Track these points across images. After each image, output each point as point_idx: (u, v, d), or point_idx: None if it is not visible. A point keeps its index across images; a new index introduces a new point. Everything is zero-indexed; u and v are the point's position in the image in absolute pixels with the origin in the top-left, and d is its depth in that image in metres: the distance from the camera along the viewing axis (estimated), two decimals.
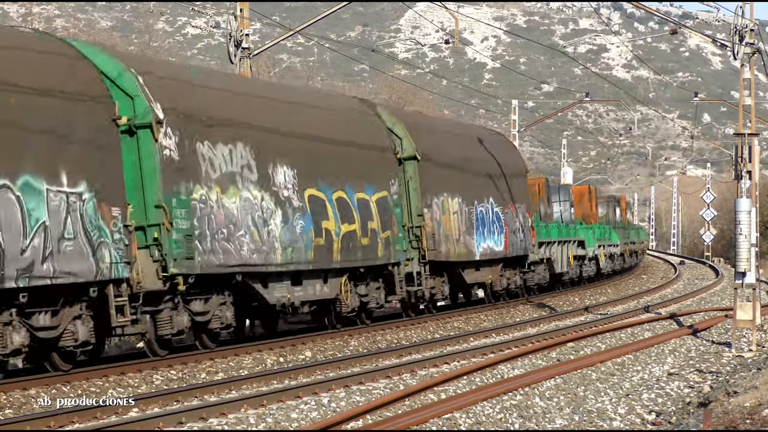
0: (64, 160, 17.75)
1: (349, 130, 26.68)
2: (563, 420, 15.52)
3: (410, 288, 28.47)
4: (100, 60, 19.67)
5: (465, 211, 31.85)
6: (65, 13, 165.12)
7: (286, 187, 23.42)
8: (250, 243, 21.92)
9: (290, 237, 23.29)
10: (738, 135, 25.43)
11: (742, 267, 23.80)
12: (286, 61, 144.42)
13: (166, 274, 19.69)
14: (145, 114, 19.61)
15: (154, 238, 19.56)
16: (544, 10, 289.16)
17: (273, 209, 22.83)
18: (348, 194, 25.83)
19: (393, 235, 27.51)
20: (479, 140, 34.86)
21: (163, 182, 19.76)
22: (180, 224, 19.99)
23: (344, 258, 25.30)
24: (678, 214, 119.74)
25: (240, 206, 21.74)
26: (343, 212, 25.43)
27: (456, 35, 41.11)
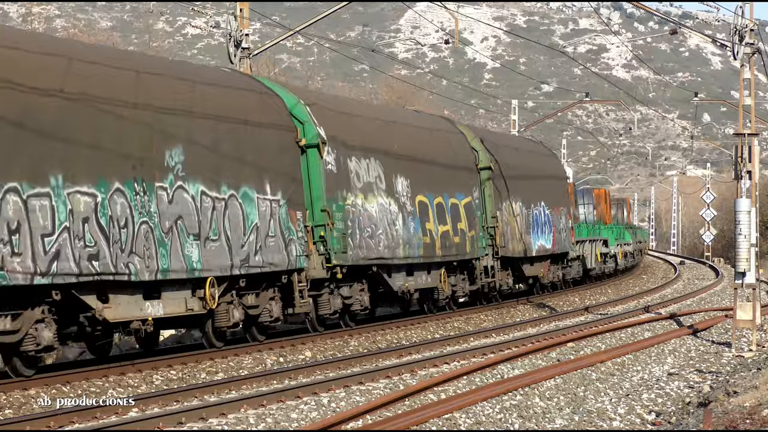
0: (267, 174, 22.70)
1: (444, 146, 31.92)
2: (563, 420, 15.53)
3: (486, 279, 33.45)
4: (281, 93, 24.68)
5: (524, 213, 36.74)
6: (65, 13, 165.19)
7: (403, 194, 28.47)
8: (384, 240, 27.06)
9: (407, 235, 28.33)
10: (738, 135, 25.45)
11: (742, 267, 23.81)
12: (286, 61, 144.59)
13: (329, 265, 24.68)
14: (314, 137, 24.42)
15: (320, 236, 24.51)
16: (543, 10, 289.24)
17: (396, 212, 27.91)
18: (444, 200, 30.65)
19: (476, 234, 32.43)
20: (533, 152, 40.81)
21: (327, 191, 24.71)
22: (338, 225, 24.96)
23: (443, 253, 30.21)
24: (678, 214, 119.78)
25: (376, 210, 26.86)
26: (440, 215, 30.27)
27: (456, 35, 41.14)
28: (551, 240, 39.26)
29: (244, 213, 21.82)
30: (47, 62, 18.12)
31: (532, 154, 40.18)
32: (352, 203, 25.62)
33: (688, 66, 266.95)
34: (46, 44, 19.32)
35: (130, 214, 18.93)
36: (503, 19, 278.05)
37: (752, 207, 24.07)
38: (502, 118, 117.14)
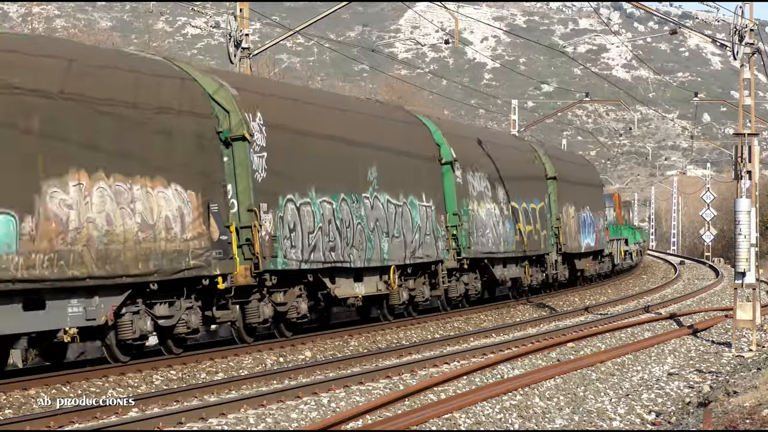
0: (422, 186, 29.32)
1: (528, 161, 39.35)
2: (563, 420, 15.53)
3: (553, 271, 40.30)
4: (425, 122, 31.62)
5: (576, 215, 43.29)
6: (65, 13, 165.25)
7: (503, 201, 35.07)
8: (492, 238, 33.55)
9: (505, 234, 34.89)
10: (738, 135, 25.45)
11: (742, 267, 23.81)
12: (285, 61, 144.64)
13: (459, 258, 31.12)
14: (449, 156, 31.17)
15: (453, 235, 30.82)
16: (543, 10, 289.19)
17: (499, 216, 34.44)
18: (527, 204, 37.37)
19: (547, 233, 39.10)
20: (578, 163, 48.57)
21: (457, 198, 31.22)
22: (464, 225, 31.46)
23: (529, 249, 36.96)
24: (678, 214, 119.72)
25: (485, 214, 33.30)
26: (526, 217, 36.92)
27: (456, 35, 41.12)
28: (594, 239, 46.47)
29: (411, 216, 28.39)
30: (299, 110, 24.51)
31: (577, 165, 47.93)
32: (471, 208, 32.25)
33: (688, 66, 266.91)
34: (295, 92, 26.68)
35: (350, 217, 25.49)
36: (503, 19, 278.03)
37: (752, 207, 24.07)
38: (502, 118, 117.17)
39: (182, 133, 20.46)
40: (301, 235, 23.45)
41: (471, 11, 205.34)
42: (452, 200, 31.07)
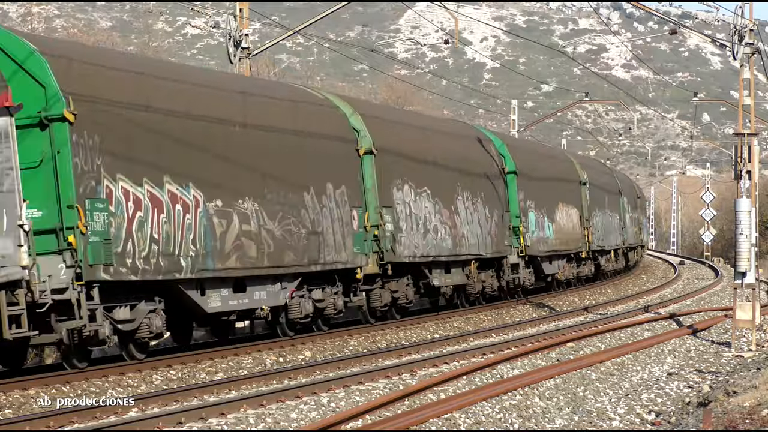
0: (486, 194, 33.80)
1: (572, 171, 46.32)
2: (563, 420, 15.52)
3: (583, 266, 46.66)
4: (491, 137, 36.89)
5: (601, 217, 49.90)
6: (65, 13, 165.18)
7: (559, 206, 42.10)
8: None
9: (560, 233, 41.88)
10: (737, 135, 25.45)
11: (742, 267, 23.81)
12: (285, 61, 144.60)
13: (522, 254, 36.42)
14: (513, 168, 36.24)
15: (515, 235, 35.91)
16: (543, 10, 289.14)
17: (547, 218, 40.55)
18: (570, 209, 43.71)
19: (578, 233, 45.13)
20: (600, 170, 56.05)
21: (520, 202, 36.57)
22: (525, 226, 36.59)
23: (569, 247, 43.15)
24: (677, 214, 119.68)
25: (536, 216, 38.57)
26: (569, 219, 43.28)
27: (455, 35, 41.13)
28: (621, 238, 55.23)
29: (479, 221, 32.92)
30: None
31: (609, 175, 57.29)
32: (531, 209, 38.02)
33: (687, 66, 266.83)
34: None
35: (443, 217, 30.37)
36: (503, 19, 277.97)
37: (752, 207, 24.07)
38: (502, 118, 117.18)
39: (338, 153, 25.75)
40: (413, 232, 28.14)
41: (471, 11, 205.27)
42: (515, 205, 36.58)
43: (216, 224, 21.20)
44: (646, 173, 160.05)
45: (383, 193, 26.94)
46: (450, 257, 30.83)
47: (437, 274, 30.25)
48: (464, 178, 32.47)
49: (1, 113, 17.17)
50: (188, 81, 22.32)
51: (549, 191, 40.82)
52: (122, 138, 19.21)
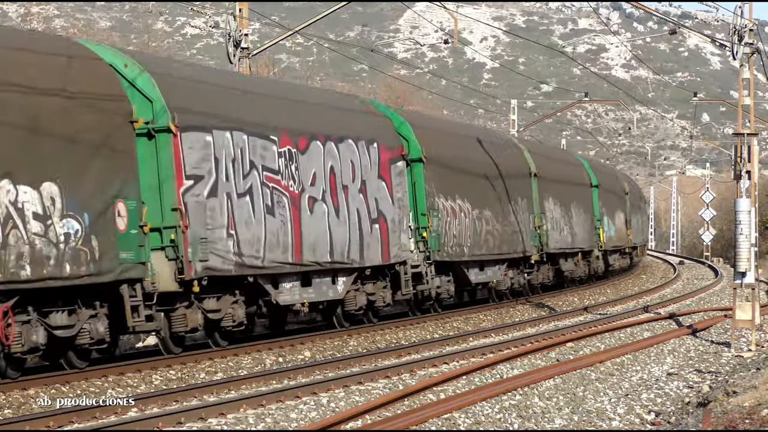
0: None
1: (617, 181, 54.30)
2: (562, 420, 15.52)
3: (598, 262, 49.46)
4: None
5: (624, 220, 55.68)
6: (64, 13, 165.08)
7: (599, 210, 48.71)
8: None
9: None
10: (737, 135, 25.46)
11: (742, 267, 23.81)
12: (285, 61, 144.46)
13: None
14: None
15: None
16: (543, 10, 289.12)
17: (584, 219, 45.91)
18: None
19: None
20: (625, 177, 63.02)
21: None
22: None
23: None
24: (677, 213, 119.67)
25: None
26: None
27: (455, 35, 41.13)
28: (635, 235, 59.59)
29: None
30: None
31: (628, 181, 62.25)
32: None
33: (687, 66, 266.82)
34: None
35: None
36: (502, 19, 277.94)
37: (752, 207, 24.07)
38: (502, 118, 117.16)
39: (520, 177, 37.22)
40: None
41: (470, 11, 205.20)
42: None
43: (476, 225, 32.56)
44: (645, 173, 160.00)
45: (540, 204, 38.81)
46: None
47: None
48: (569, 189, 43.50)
49: (400, 159, 28.40)
50: (466, 136, 35.08)
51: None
52: (438, 174, 30.06)
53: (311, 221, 23.95)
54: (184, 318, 20.71)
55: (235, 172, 21.74)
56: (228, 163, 21.53)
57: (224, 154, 21.46)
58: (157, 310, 19.86)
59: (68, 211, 17.72)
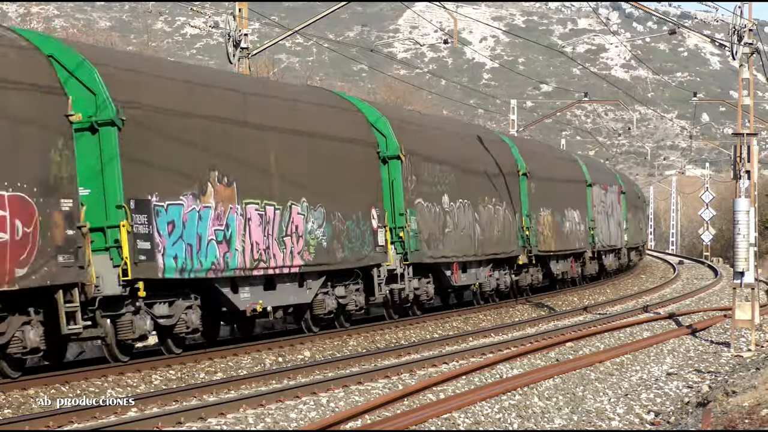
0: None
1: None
2: (562, 420, 15.53)
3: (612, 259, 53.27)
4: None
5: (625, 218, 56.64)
6: (64, 13, 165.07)
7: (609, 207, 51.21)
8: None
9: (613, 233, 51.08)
10: (737, 135, 25.47)
11: (741, 267, 23.81)
12: (284, 61, 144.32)
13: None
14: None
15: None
16: (542, 10, 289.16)
17: None
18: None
19: None
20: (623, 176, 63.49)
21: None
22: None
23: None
24: (677, 213, 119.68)
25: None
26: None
27: (455, 35, 41.14)
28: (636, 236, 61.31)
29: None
30: None
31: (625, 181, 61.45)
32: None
33: (686, 66, 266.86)
34: None
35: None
36: (502, 19, 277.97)
37: (751, 207, 24.08)
38: (501, 118, 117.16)
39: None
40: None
41: (470, 11, 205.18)
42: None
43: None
44: (645, 173, 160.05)
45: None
46: None
47: None
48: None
49: None
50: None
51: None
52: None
53: None
54: None
55: None
56: None
57: None
58: None
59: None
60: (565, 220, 42.55)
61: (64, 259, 17.67)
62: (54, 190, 17.71)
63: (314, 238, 24.25)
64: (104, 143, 18.90)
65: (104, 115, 18.82)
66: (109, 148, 18.89)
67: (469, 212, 32.36)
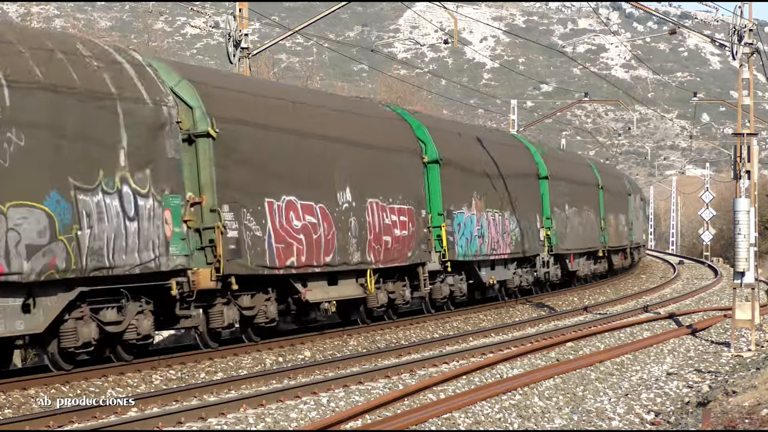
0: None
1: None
2: (562, 420, 15.53)
3: None
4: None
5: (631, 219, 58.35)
6: (64, 13, 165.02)
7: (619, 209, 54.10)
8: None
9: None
10: (737, 135, 25.46)
11: (742, 267, 23.81)
12: (285, 61, 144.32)
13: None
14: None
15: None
16: (542, 10, 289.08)
17: None
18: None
19: None
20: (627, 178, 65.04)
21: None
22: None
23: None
24: (677, 213, 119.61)
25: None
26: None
27: (455, 35, 41.11)
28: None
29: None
30: None
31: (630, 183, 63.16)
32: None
33: (687, 66, 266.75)
34: None
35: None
36: (502, 19, 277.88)
37: (751, 207, 24.08)
38: (501, 118, 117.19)
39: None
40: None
41: (470, 11, 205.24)
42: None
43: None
44: (645, 173, 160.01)
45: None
46: None
47: None
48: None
49: None
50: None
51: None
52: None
53: None
54: None
55: None
56: None
57: None
58: None
59: None
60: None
61: (423, 248, 28.29)
62: (420, 203, 28.62)
63: (514, 235, 35.99)
64: None
65: None
66: None
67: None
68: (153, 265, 18.93)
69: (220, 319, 21.18)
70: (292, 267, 22.77)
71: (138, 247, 18.55)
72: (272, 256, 22.15)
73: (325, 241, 24.05)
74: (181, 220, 19.79)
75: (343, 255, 24.68)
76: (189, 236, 19.99)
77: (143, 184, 18.85)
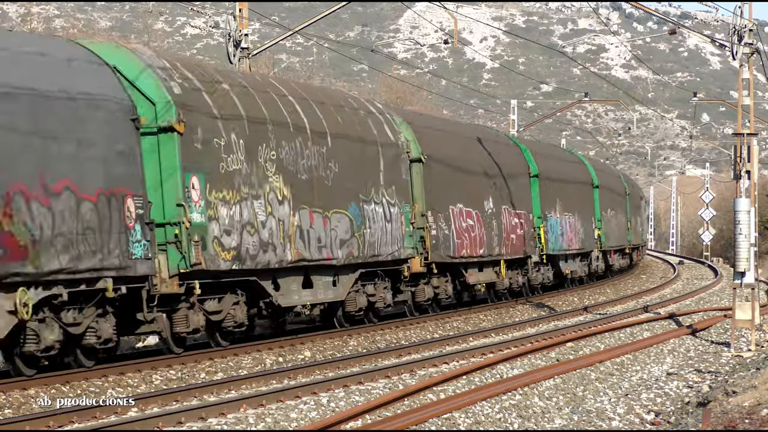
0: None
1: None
2: (562, 420, 15.54)
3: None
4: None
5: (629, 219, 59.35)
6: (64, 13, 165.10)
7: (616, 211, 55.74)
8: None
9: None
10: (737, 135, 25.47)
11: (742, 267, 23.82)
12: (285, 61, 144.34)
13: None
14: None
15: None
16: (542, 10, 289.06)
17: None
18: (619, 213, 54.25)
19: None
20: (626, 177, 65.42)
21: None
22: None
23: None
24: (677, 213, 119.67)
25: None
26: None
27: (455, 35, 41.11)
28: None
29: None
30: None
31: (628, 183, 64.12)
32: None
33: (687, 66, 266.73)
34: None
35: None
36: (502, 19, 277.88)
37: (751, 207, 24.08)
38: (501, 118, 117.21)
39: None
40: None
41: (470, 11, 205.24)
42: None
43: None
44: (645, 173, 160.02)
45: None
46: None
47: None
48: None
49: None
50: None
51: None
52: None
53: None
54: None
55: None
56: None
57: None
58: None
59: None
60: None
61: (532, 244, 35.42)
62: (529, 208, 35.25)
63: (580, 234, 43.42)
64: None
65: None
66: None
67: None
68: (397, 254, 27.00)
69: (422, 294, 29.55)
70: (463, 257, 30.97)
71: (390, 241, 26.34)
72: (454, 248, 30.28)
73: (479, 238, 32.35)
74: (409, 222, 27.81)
75: (489, 248, 33.03)
76: (415, 234, 28.05)
77: (392, 197, 26.98)
